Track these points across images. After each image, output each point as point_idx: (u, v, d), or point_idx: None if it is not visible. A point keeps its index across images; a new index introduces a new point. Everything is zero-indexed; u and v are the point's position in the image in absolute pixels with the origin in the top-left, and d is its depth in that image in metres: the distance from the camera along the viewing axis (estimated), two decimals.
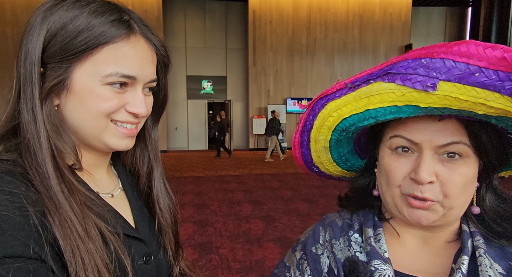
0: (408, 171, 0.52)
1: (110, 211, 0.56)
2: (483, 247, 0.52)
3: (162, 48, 0.60)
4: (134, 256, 0.57)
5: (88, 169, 0.58)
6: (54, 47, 0.49)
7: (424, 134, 0.50)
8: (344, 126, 0.57)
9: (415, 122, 0.51)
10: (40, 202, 0.47)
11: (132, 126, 0.57)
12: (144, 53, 0.55)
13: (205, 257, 3.29)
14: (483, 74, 0.39)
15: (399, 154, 0.54)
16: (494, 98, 0.40)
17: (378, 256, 0.54)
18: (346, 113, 0.54)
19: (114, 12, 0.52)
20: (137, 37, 0.54)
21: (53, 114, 0.51)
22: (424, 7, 13.98)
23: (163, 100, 0.67)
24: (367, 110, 0.51)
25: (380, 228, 0.59)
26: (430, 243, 0.57)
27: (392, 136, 0.54)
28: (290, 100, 12.62)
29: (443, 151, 0.50)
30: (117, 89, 0.53)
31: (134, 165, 0.69)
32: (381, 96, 0.48)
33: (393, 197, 0.55)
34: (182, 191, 6.00)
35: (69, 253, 0.45)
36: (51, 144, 0.50)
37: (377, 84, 0.48)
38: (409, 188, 0.52)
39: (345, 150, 0.66)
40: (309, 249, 0.64)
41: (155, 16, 11.43)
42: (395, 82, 0.45)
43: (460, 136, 0.49)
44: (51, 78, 0.50)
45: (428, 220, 0.51)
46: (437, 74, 0.42)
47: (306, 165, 0.69)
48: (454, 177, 0.50)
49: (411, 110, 0.47)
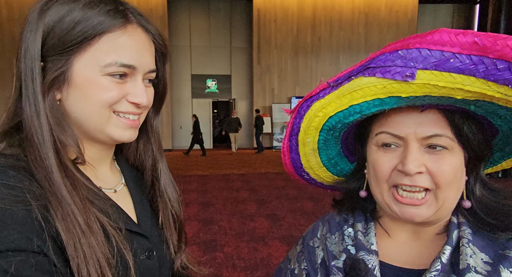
0: (395, 164, 0.53)
1: (113, 206, 0.56)
2: (468, 237, 0.52)
3: (159, 37, 0.60)
4: (137, 251, 0.57)
5: (92, 163, 0.58)
6: (53, 40, 0.50)
7: (408, 127, 0.52)
8: (331, 125, 0.58)
9: (398, 117, 0.53)
10: (43, 196, 0.47)
11: (135, 117, 0.57)
12: (142, 42, 0.55)
13: (210, 255, 3.30)
14: (457, 59, 0.41)
15: (385, 150, 0.55)
16: (470, 82, 0.42)
17: (363, 248, 0.56)
18: (331, 112, 0.55)
19: (109, 3, 0.52)
20: (133, 26, 0.54)
21: (55, 108, 0.51)
22: (431, 4, 13.82)
23: (163, 91, 0.67)
24: (351, 106, 0.53)
25: (372, 223, 0.61)
26: (420, 236, 0.58)
27: (377, 133, 0.56)
28: (294, 99, 12.58)
29: (427, 142, 0.51)
30: (117, 80, 0.53)
31: (138, 159, 0.69)
32: (363, 90, 0.49)
33: (382, 193, 0.56)
34: (187, 189, 6.02)
35: (71, 247, 0.45)
36: (54, 138, 0.50)
37: (358, 79, 0.50)
38: (397, 179, 0.53)
39: (333, 152, 0.67)
40: (307, 242, 0.67)
41: (160, 15, 11.48)
42: (376, 76, 0.47)
43: (442, 128, 0.51)
44: (52, 71, 0.50)
45: (421, 217, 0.52)
46: (414, 63, 0.44)
47: (296, 171, 0.70)
48: (443, 167, 0.51)
49: (394, 101, 0.49)
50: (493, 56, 0.39)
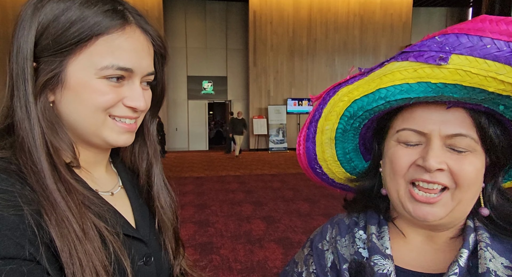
0: (414, 158, 0.52)
1: (110, 210, 0.54)
2: (486, 241, 0.51)
3: (159, 39, 0.58)
4: (134, 257, 0.55)
5: (87, 166, 0.56)
6: (47, 40, 0.47)
7: (433, 123, 0.50)
8: (352, 111, 0.57)
9: (423, 112, 0.51)
10: (35, 201, 0.45)
11: (131, 121, 0.55)
12: (140, 44, 0.53)
13: (206, 257, 3.27)
14: (494, 45, 0.40)
15: (406, 146, 0.53)
16: (505, 71, 0.40)
17: (378, 251, 0.54)
18: (357, 96, 0.54)
19: (107, 2, 0.50)
20: (132, 27, 0.52)
21: (48, 110, 0.49)
22: (425, 7, 13.96)
23: (161, 94, 0.66)
24: (377, 90, 0.51)
25: (385, 226, 0.59)
26: (434, 240, 0.56)
27: (399, 130, 0.54)
28: (290, 101, 12.61)
29: (450, 142, 0.50)
30: (113, 83, 0.51)
31: (133, 162, 0.67)
32: (393, 74, 0.48)
33: (398, 190, 0.54)
34: (182, 191, 5.98)
35: (66, 254, 0.43)
36: (47, 141, 0.48)
37: (390, 64, 0.48)
38: (416, 174, 0.51)
39: (350, 146, 0.65)
40: (316, 245, 0.65)
41: (155, 16, 11.43)
42: (409, 60, 0.46)
43: (467, 129, 0.49)
44: (45, 73, 0.48)
45: (434, 217, 0.50)
46: (450, 48, 0.42)
47: (309, 163, 0.68)
48: (465, 167, 0.49)
49: (422, 88, 0.47)
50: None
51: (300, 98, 12.65)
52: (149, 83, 0.59)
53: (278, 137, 12.50)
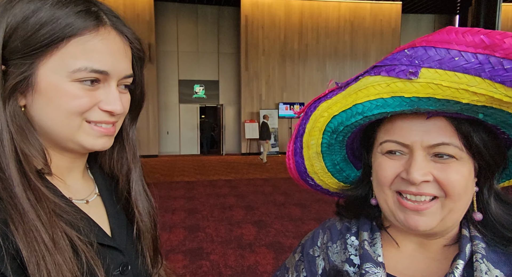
0: (399, 170, 0.51)
1: (83, 218, 0.52)
2: (482, 252, 0.50)
3: (136, 41, 0.56)
4: (109, 266, 0.53)
5: (62, 173, 0.54)
6: (15, 42, 0.45)
7: (414, 134, 0.50)
8: (333, 126, 0.56)
9: (403, 123, 0.51)
10: (2, 210, 0.43)
11: (108, 126, 0.53)
12: (116, 46, 0.51)
13: (196, 263, 3.22)
14: (462, 58, 0.40)
15: (390, 156, 0.53)
16: (476, 83, 0.40)
17: (370, 259, 0.53)
18: (335, 111, 0.54)
19: (80, 3, 0.48)
20: (107, 29, 0.50)
21: (18, 115, 0.47)
22: (413, 14, 14.24)
23: (140, 97, 0.63)
24: (354, 106, 0.51)
25: (378, 232, 0.58)
26: (427, 248, 0.55)
27: (382, 142, 0.54)
28: (282, 105, 12.65)
29: (434, 151, 0.49)
30: (87, 86, 0.49)
31: (112, 167, 0.65)
32: (367, 89, 0.48)
33: (386, 200, 0.53)
34: (173, 196, 5.91)
35: (33, 265, 0.41)
36: (16, 147, 0.46)
37: (364, 79, 0.49)
38: (401, 186, 0.51)
39: (338, 157, 0.65)
40: (307, 251, 0.64)
41: (147, 20, 11.39)
42: (381, 74, 0.46)
43: (450, 137, 0.48)
44: (14, 76, 0.46)
45: (426, 225, 0.49)
46: (419, 61, 0.42)
47: (301, 175, 0.67)
48: (451, 176, 0.48)
49: (397, 103, 0.47)
50: (499, 55, 0.38)
51: (291, 103, 12.70)
52: (127, 87, 0.57)
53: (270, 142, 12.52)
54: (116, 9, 0.55)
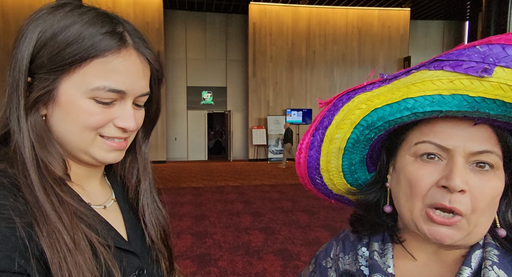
0: (436, 179, 0.47)
1: (101, 222, 0.54)
2: (493, 259, 0.48)
3: (156, 63, 0.57)
4: (126, 269, 0.54)
5: (80, 180, 0.56)
6: (42, 58, 0.48)
7: (457, 140, 0.46)
8: (371, 120, 0.51)
9: (446, 126, 0.47)
10: (28, 213, 0.45)
11: (120, 140, 0.55)
12: (135, 67, 0.53)
13: (204, 269, 3.22)
14: None
15: (424, 161, 0.49)
16: None
17: (379, 270, 0.52)
18: (378, 104, 0.49)
19: (107, 24, 0.50)
20: (128, 51, 0.52)
21: (39, 124, 0.50)
22: (422, 20, 14.18)
23: (156, 113, 0.65)
24: (403, 100, 0.46)
25: (389, 243, 0.56)
26: (442, 258, 0.53)
27: (418, 143, 0.49)
28: (289, 111, 12.65)
29: (474, 159, 0.46)
30: (102, 105, 0.51)
31: (123, 176, 0.67)
32: (424, 84, 0.43)
33: (412, 210, 0.49)
34: (180, 202, 5.93)
35: (56, 265, 0.43)
36: (36, 155, 0.48)
37: (419, 73, 0.44)
38: (437, 197, 0.46)
39: (357, 157, 0.60)
40: (320, 262, 0.64)
41: (156, 28, 11.58)
42: (444, 69, 0.41)
43: (493, 145, 0.46)
44: (38, 89, 0.49)
45: (451, 239, 0.47)
46: (494, 59, 0.38)
47: (309, 172, 0.63)
48: (485, 190, 0.45)
49: (456, 102, 0.43)
50: None
51: (299, 109, 12.71)
52: (141, 105, 0.58)
53: (277, 148, 12.49)
54: (127, 17, 0.56)
